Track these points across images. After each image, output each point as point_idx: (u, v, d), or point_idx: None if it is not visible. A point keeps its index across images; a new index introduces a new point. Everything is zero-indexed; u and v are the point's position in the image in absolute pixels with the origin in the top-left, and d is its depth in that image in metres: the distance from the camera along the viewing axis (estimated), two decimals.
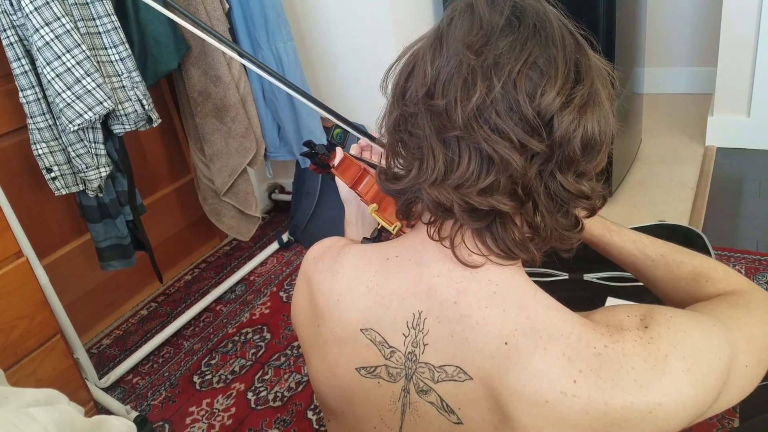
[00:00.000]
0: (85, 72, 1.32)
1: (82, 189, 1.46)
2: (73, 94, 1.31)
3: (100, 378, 1.60)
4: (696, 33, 2.91)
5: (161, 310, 1.96)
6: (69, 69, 1.30)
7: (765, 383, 0.61)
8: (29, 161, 1.48)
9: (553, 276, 1.15)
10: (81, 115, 1.33)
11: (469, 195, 0.53)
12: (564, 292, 1.14)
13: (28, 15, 1.25)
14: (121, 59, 1.43)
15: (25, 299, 1.29)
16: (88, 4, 1.37)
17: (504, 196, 0.53)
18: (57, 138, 1.39)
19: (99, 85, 1.34)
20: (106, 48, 1.41)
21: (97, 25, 1.39)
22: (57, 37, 1.27)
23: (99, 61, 1.40)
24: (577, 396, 0.51)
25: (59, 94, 1.30)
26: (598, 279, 1.13)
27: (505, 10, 0.54)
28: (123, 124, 1.47)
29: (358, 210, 0.89)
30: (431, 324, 0.58)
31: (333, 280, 0.65)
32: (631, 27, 2.06)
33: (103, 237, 1.55)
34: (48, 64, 1.28)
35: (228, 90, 1.77)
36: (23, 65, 1.31)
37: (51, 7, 1.26)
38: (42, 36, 1.26)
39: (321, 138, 1.93)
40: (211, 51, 1.71)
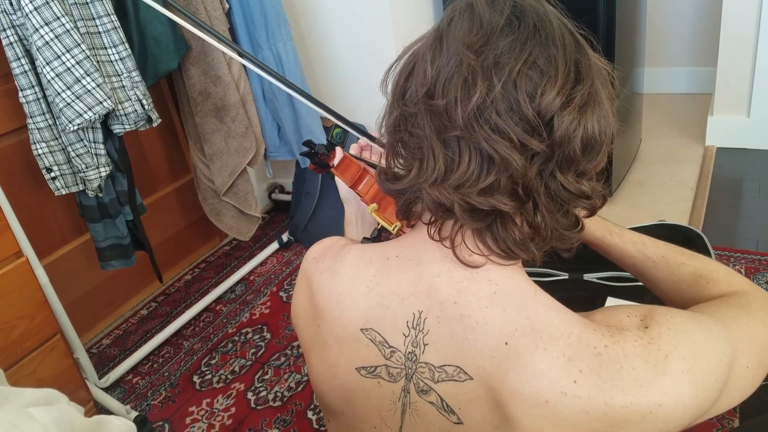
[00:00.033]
0: (85, 72, 1.32)
1: (81, 189, 1.46)
2: (73, 93, 1.31)
3: (100, 378, 1.60)
4: (696, 33, 2.91)
5: (161, 309, 1.96)
6: (69, 69, 1.30)
7: (765, 383, 0.61)
8: (29, 161, 1.48)
9: (553, 276, 1.15)
10: (81, 115, 1.33)
11: (470, 195, 0.53)
12: (564, 292, 1.14)
13: (27, 14, 1.24)
14: (121, 59, 1.43)
15: (25, 299, 1.29)
16: (87, 3, 1.36)
17: (504, 195, 0.53)
18: (57, 138, 1.39)
19: (99, 85, 1.34)
20: (105, 48, 1.41)
21: (97, 25, 1.39)
22: (57, 37, 1.27)
23: (99, 61, 1.40)
24: (578, 396, 0.51)
25: (59, 93, 1.30)
26: (598, 279, 1.13)
27: (505, 9, 0.54)
28: (123, 123, 1.47)
29: (357, 210, 0.88)
30: (431, 324, 0.58)
31: (333, 280, 0.65)
32: (631, 27, 2.06)
33: (103, 237, 1.55)
34: (48, 63, 1.28)
35: (228, 90, 1.76)
36: (23, 65, 1.30)
37: (51, 7, 1.26)
38: (42, 36, 1.26)
39: (321, 138, 1.93)
40: (211, 51, 1.71)
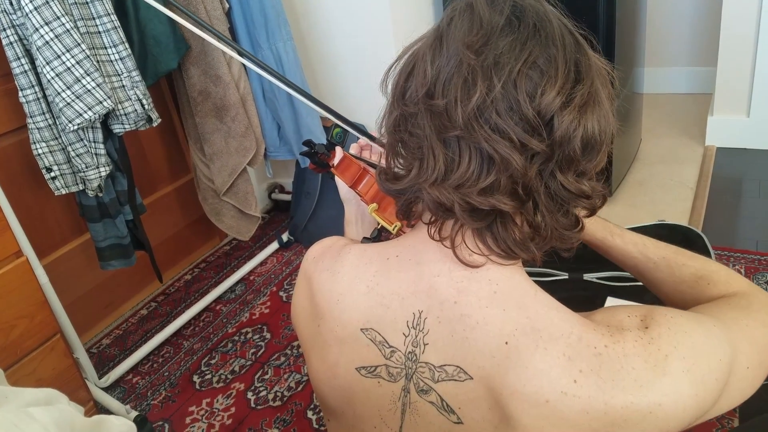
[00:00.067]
0: (85, 71, 1.32)
1: (81, 188, 1.46)
2: (73, 93, 1.31)
3: (99, 378, 1.60)
4: (696, 33, 2.91)
5: (161, 309, 1.96)
6: (69, 68, 1.30)
7: (765, 383, 0.61)
8: (29, 161, 1.48)
9: (553, 276, 1.15)
10: (81, 115, 1.33)
11: (470, 195, 0.53)
12: (564, 291, 1.14)
13: (27, 14, 1.24)
14: (121, 59, 1.43)
15: (25, 299, 1.29)
16: (87, 3, 1.36)
17: (504, 195, 0.53)
18: (57, 137, 1.39)
19: (99, 85, 1.34)
20: (105, 47, 1.41)
21: (97, 25, 1.39)
22: (57, 37, 1.27)
23: (99, 61, 1.40)
24: (578, 396, 0.51)
25: (59, 93, 1.30)
26: (597, 279, 1.13)
27: (505, 9, 0.54)
28: (123, 123, 1.47)
29: (357, 209, 0.88)
30: (431, 324, 0.58)
31: (333, 279, 0.65)
32: (631, 27, 2.06)
33: (103, 236, 1.55)
34: (48, 63, 1.28)
35: (228, 89, 1.76)
36: (23, 64, 1.30)
37: (50, 7, 1.26)
38: (42, 35, 1.26)
39: (321, 137, 1.93)
40: (211, 50, 1.71)
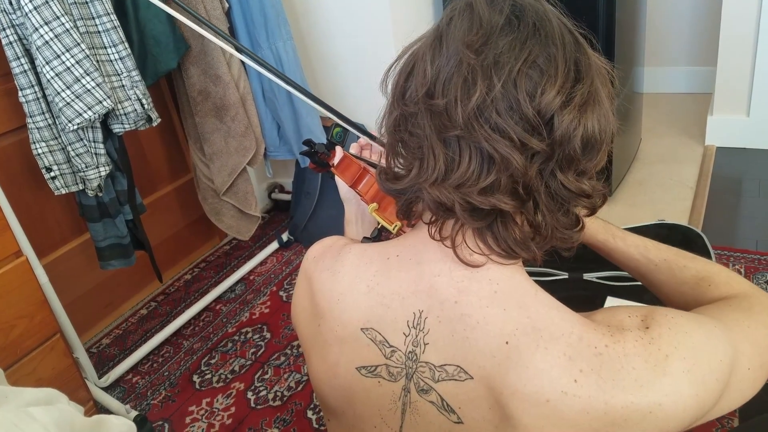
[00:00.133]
0: (85, 71, 1.32)
1: (81, 188, 1.46)
2: (73, 93, 1.31)
3: (99, 377, 1.60)
4: (696, 32, 2.91)
5: (161, 309, 1.95)
6: (68, 68, 1.30)
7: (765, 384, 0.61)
8: (29, 160, 1.48)
9: (553, 275, 1.15)
10: (80, 114, 1.33)
11: (470, 194, 0.53)
12: (564, 291, 1.14)
13: (27, 14, 1.24)
14: (121, 58, 1.43)
15: (25, 299, 1.29)
16: (87, 3, 1.36)
17: (505, 195, 0.53)
18: (56, 137, 1.39)
19: (98, 84, 1.34)
20: (105, 47, 1.41)
21: (97, 24, 1.39)
22: (56, 36, 1.27)
23: (98, 60, 1.40)
24: (578, 395, 0.51)
25: (58, 93, 1.30)
26: (597, 278, 1.13)
27: (505, 9, 0.54)
28: (122, 123, 1.47)
29: (357, 209, 0.88)
30: (432, 323, 0.58)
31: (333, 279, 0.65)
32: (631, 26, 2.06)
33: (103, 236, 1.55)
34: (47, 63, 1.28)
35: (228, 89, 1.76)
36: (22, 64, 1.30)
37: (50, 6, 1.26)
38: (41, 35, 1.26)
39: (321, 137, 1.93)
40: (211, 50, 1.71)
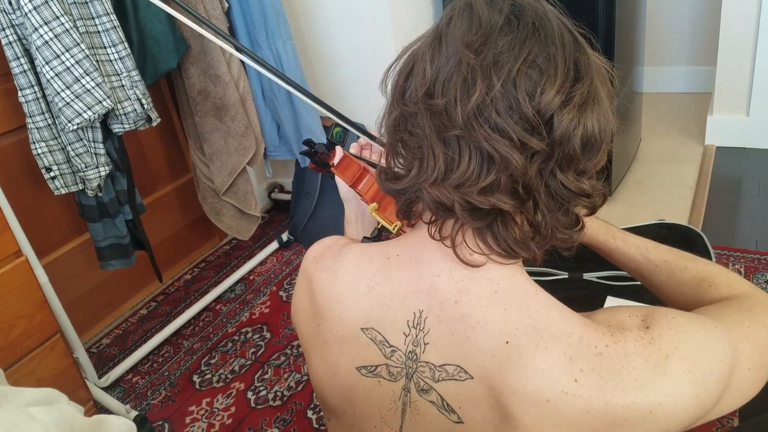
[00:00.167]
0: (84, 71, 1.32)
1: (81, 188, 1.46)
2: (72, 93, 1.31)
3: (99, 377, 1.60)
4: (695, 32, 2.91)
5: (161, 309, 1.95)
6: (68, 68, 1.30)
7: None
8: (28, 160, 1.48)
9: (553, 275, 1.15)
10: (80, 114, 1.33)
11: (470, 194, 0.53)
12: (564, 291, 1.14)
13: (26, 14, 1.24)
14: (120, 58, 1.43)
15: (25, 299, 1.29)
16: (87, 3, 1.36)
17: (505, 194, 0.53)
18: (56, 137, 1.39)
19: (98, 84, 1.34)
20: (105, 47, 1.41)
21: (96, 24, 1.39)
22: (56, 36, 1.27)
23: (98, 60, 1.40)
24: (578, 395, 0.51)
25: (58, 93, 1.30)
26: (597, 278, 1.13)
27: (504, 8, 0.54)
28: (122, 123, 1.47)
29: (357, 209, 0.88)
30: (432, 323, 0.58)
31: (333, 279, 0.65)
32: (631, 26, 2.06)
33: (103, 236, 1.55)
34: (47, 63, 1.28)
35: (227, 89, 1.76)
36: (22, 64, 1.30)
37: (50, 6, 1.26)
38: (41, 35, 1.26)
39: (320, 137, 1.93)
40: (211, 50, 1.71)
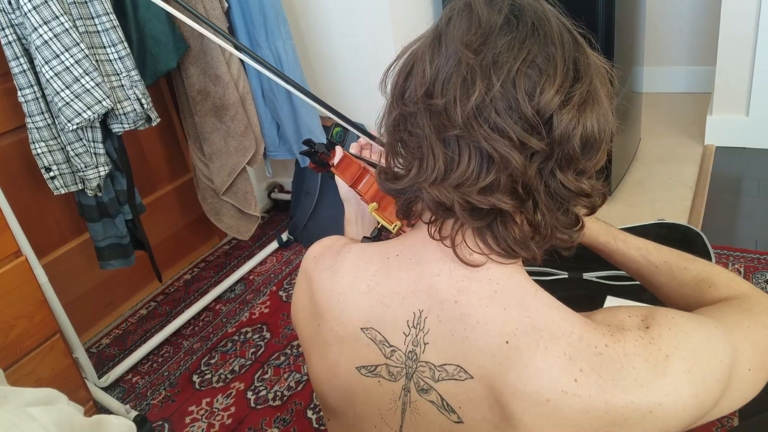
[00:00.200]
0: (84, 71, 1.32)
1: (81, 188, 1.46)
2: (72, 93, 1.31)
3: (99, 377, 1.60)
4: (695, 32, 2.91)
5: (160, 309, 1.95)
6: (68, 68, 1.29)
7: None
8: (28, 160, 1.48)
9: (553, 275, 1.15)
10: (80, 114, 1.33)
11: (470, 194, 0.53)
12: (564, 291, 1.14)
13: (26, 13, 1.24)
14: (120, 58, 1.43)
15: (24, 298, 1.28)
16: (86, 2, 1.36)
17: (504, 194, 0.53)
18: (56, 137, 1.39)
19: (98, 84, 1.34)
20: (104, 47, 1.41)
21: (96, 24, 1.39)
22: (55, 36, 1.27)
23: (98, 60, 1.40)
24: (578, 395, 0.51)
25: (58, 93, 1.30)
26: (597, 278, 1.13)
27: (504, 8, 0.54)
28: (122, 123, 1.47)
29: (357, 209, 0.88)
30: (432, 323, 0.58)
31: (333, 279, 0.65)
32: (631, 26, 2.06)
33: (102, 236, 1.55)
34: (46, 62, 1.28)
35: (227, 89, 1.76)
36: (22, 64, 1.30)
37: (49, 6, 1.26)
38: (40, 35, 1.26)
39: (320, 137, 1.93)
40: (210, 50, 1.71)
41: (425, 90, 0.54)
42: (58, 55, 1.28)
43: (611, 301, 1.09)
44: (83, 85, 1.32)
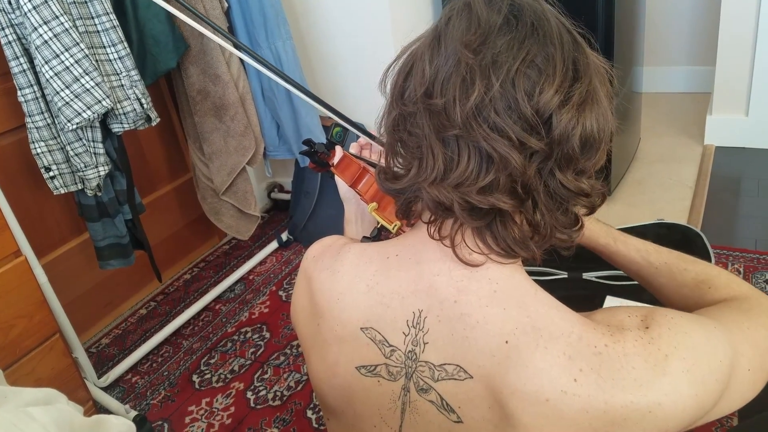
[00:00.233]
0: (84, 71, 1.32)
1: (80, 188, 1.46)
2: (72, 92, 1.31)
3: (99, 377, 1.60)
4: (695, 32, 2.91)
5: (160, 309, 1.95)
6: (67, 67, 1.29)
7: None
8: (28, 160, 1.48)
9: (553, 275, 1.15)
10: (79, 114, 1.33)
11: (469, 194, 0.53)
12: (563, 290, 1.14)
13: (26, 13, 1.24)
14: (120, 58, 1.43)
15: (24, 298, 1.28)
16: (86, 2, 1.36)
17: (504, 194, 0.53)
18: (55, 137, 1.39)
19: (97, 84, 1.34)
20: (104, 46, 1.41)
21: (96, 24, 1.39)
22: (55, 36, 1.27)
23: (98, 60, 1.40)
24: (578, 395, 0.51)
25: (58, 92, 1.30)
26: (597, 278, 1.13)
27: (503, 8, 0.54)
28: (122, 122, 1.47)
29: (357, 208, 0.88)
30: (431, 323, 0.58)
31: (333, 278, 0.65)
32: (630, 26, 2.06)
33: (102, 236, 1.55)
34: (46, 62, 1.28)
35: (227, 89, 1.76)
36: (21, 64, 1.30)
37: (49, 6, 1.26)
38: (40, 34, 1.26)
39: (320, 137, 1.93)
40: (210, 50, 1.71)
41: (425, 90, 0.54)
42: (57, 55, 1.28)
43: (611, 301, 1.09)
44: (83, 85, 1.32)
